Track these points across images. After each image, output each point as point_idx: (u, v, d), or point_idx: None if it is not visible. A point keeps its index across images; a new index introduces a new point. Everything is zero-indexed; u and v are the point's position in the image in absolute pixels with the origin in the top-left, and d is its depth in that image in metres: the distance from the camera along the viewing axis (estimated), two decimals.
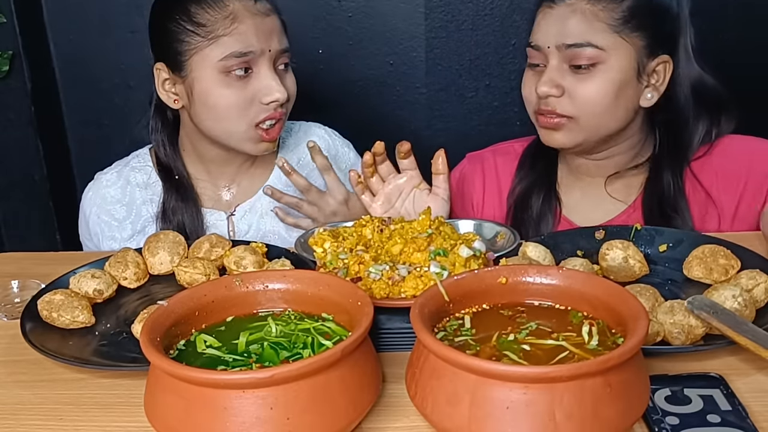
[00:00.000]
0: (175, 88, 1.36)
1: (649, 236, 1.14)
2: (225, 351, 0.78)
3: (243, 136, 1.34)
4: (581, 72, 1.26)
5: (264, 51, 1.30)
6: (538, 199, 1.41)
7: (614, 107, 1.28)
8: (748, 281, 0.95)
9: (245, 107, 1.31)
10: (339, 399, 0.70)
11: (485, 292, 0.83)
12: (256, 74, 1.31)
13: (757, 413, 0.76)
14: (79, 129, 2.16)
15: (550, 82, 1.28)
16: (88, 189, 1.49)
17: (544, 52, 1.29)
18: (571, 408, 0.65)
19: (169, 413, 0.70)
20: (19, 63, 2.01)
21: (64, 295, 1.00)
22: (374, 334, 0.86)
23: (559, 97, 1.28)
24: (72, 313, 0.98)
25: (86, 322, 0.99)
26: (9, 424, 0.81)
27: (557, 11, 1.28)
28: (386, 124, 2.08)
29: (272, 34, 1.32)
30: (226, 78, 1.29)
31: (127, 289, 1.10)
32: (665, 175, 1.33)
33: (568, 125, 1.30)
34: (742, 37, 1.95)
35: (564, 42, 1.26)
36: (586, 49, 1.25)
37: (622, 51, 1.26)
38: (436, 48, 2.01)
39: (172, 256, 1.12)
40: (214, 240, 1.14)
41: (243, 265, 1.07)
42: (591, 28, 1.25)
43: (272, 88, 1.30)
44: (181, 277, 1.08)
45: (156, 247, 1.13)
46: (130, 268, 1.10)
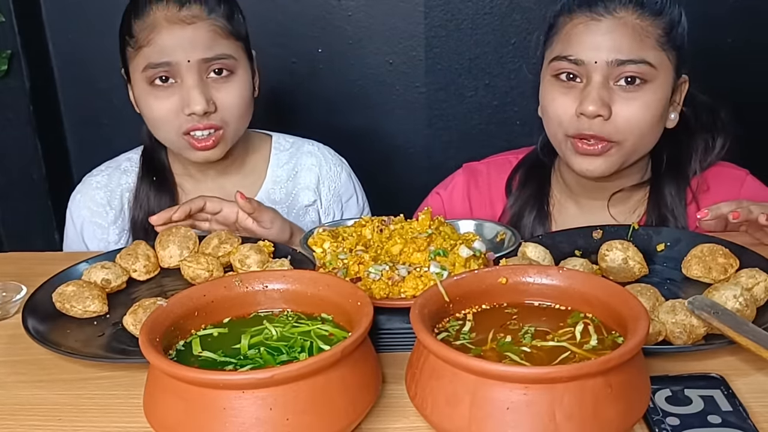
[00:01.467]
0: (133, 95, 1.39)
1: (647, 236, 1.14)
2: (221, 354, 0.78)
3: (177, 144, 1.34)
4: (629, 90, 1.19)
5: (182, 61, 1.27)
6: (530, 220, 1.36)
7: (656, 129, 1.24)
8: (748, 280, 0.95)
9: (171, 117, 1.30)
10: (339, 399, 0.70)
11: (485, 292, 0.83)
12: (180, 84, 1.29)
13: (757, 414, 0.76)
14: (77, 129, 2.16)
15: (600, 101, 1.18)
16: (76, 192, 1.48)
17: (587, 67, 1.20)
18: (572, 408, 0.64)
19: (168, 414, 0.70)
20: (17, 62, 2.01)
21: (76, 286, 1.02)
22: (374, 334, 0.86)
23: (606, 119, 1.19)
24: (83, 303, 1.00)
25: (98, 311, 1.01)
26: (8, 424, 0.81)
27: (605, 24, 1.19)
28: (386, 124, 2.08)
29: (195, 43, 1.27)
30: (151, 88, 1.30)
31: (138, 282, 1.11)
32: (667, 192, 1.30)
33: (611, 151, 1.22)
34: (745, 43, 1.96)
35: (616, 57, 1.17)
36: (640, 65, 1.18)
37: (667, 69, 1.21)
38: (436, 47, 2.00)
39: (182, 250, 1.13)
40: (224, 236, 1.15)
41: (247, 264, 1.07)
42: (643, 44, 1.18)
43: (191, 100, 1.27)
44: (185, 271, 1.09)
45: (167, 240, 1.14)
46: (140, 261, 1.12)
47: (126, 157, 1.50)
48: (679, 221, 1.29)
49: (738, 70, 1.92)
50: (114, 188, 1.46)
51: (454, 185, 1.48)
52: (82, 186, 1.48)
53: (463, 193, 1.46)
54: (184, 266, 1.09)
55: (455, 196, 1.47)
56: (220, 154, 1.35)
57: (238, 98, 1.33)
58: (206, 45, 1.28)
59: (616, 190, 1.33)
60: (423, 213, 1.02)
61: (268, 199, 1.45)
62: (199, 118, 1.29)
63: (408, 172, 2.11)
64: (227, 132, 1.33)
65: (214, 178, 1.45)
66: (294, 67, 2.03)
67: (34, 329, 0.96)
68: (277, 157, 1.50)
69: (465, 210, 1.46)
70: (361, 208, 1.57)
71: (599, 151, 1.22)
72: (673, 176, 1.32)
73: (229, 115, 1.32)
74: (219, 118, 1.31)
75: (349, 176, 1.55)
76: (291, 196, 1.48)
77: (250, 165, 1.49)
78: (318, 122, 1.97)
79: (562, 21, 1.25)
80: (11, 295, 1.06)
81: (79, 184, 1.49)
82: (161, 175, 1.44)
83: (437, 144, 2.09)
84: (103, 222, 1.45)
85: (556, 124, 1.26)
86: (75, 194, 1.48)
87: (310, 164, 1.51)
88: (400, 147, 2.10)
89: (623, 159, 1.25)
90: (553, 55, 1.25)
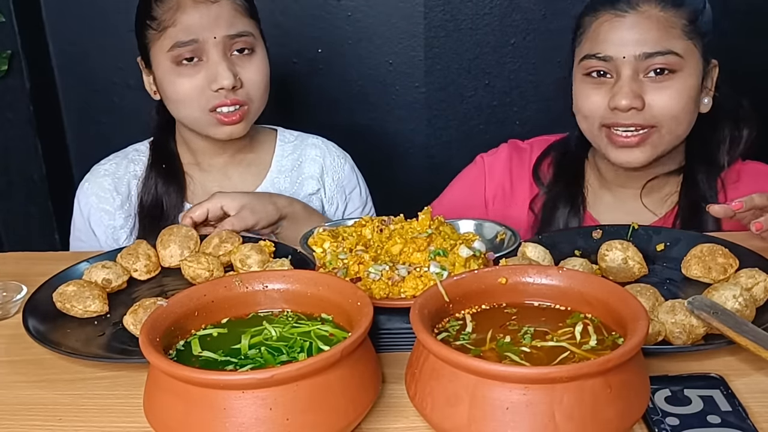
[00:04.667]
0: (151, 81, 1.42)
1: (647, 235, 1.14)
2: (222, 354, 0.78)
3: (202, 121, 1.37)
4: (659, 81, 1.23)
5: (208, 39, 1.31)
6: (565, 211, 1.38)
7: (692, 113, 1.27)
8: (748, 280, 0.95)
9: (198, 94, 1.34)
10: (339, 399, 0.70)
11: (485, 292, 0.83)
12: (206, 62, 1.33)
13: (757, 414, 0.76)
14: (78, 128, 2.16)
15: (632, 94, 1.22)
16: (84, 180, 1.51)
17: (616, 63, 1.24)
18: (571, 408, 0.64)
19: (168, 414, 0.70)
20: (18, 62, 2.01)
21: (77, 285, 1.02)
22: (374, 334, 0.86)
23: (640, 110, 1.23)
24: (84, 303, 1.00)
25: (99, 311, 1.01)
26: (8, 424, 0.81)
27: (629, 19, 1.23)
28: (385, 124, 2.08)
29: (219, 20, 1.32)
30: (177, 67, 1.34)
31: (139, 281, 1.12)
32: (700, 183, 1.32)
33: (651, 138, 1.26)
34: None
35: (643, 51, 1.22)
36: (668, 56, 1.22)
37: (694, 56, 1.25)
38: (436, 47, 2.00)
39: (182, 249, 1.14)
40: (225, 236, 1.15)
41: (248, 264, 1.08)
42: (668, 35, 1.22)
43: (218, 75, 1.32)
44: (186, 271, 1.09)
45: (168, 240, 1.15)
46: (141, 260, 1.12)
47: (134, 148, 1.54)
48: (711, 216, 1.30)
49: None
50: (121, 175, 1.49)
51: (498, 155, 1.51)
52: (91, 175, 1.51)
53: (506, 164, 1.50)
54: (185, 266, 1.09)
55: (497, 165, 1.50)
56: (243, 131, 1.39)
57: (261, 74, 1.38)
58: (229, 22, 1.33)
59: (651, 178, 1.36)
60: (423, 213, 1.03)
61: (272, 187, 1.48)
62: (227, 94, 1.33)
63: (408, 172, 2.11)
64: (251, 108, 1.38)
65: (221, 168, 1.48)
66: (294, 67, 2.03)
67: (35, 329, 0.96)
68: (282, 148, 1.54)
69: (504, 180, 1.49)
70: (364, 201, 1.59)
71: (636, 142, 1.26)
72: (705, 165, 1.34)
73: (254, 90, 1.37)
74: (245, 93, 1.36)
75: (353, 169, 1.58)
76: (295, 185, 1.51)
77: (255, 155, 1.52)
78: (318, 122, 1.96)
79: (588, 21, 1.29)
80: (11, 295, 1.06)
81: (88, 173, 1.52)
82: (170, 162, 1.47)
83: (437, 144, 2.10)
84: (110, 207, 1.47)
85: (590, 120, 1.30)
86: (83, 183, 1.51)
87: (314, 155, 1.54)
88: (400, 147, 2.10)
89: (661, 147, 1.28)
90: (583, 53, 1.29)
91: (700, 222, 1.30)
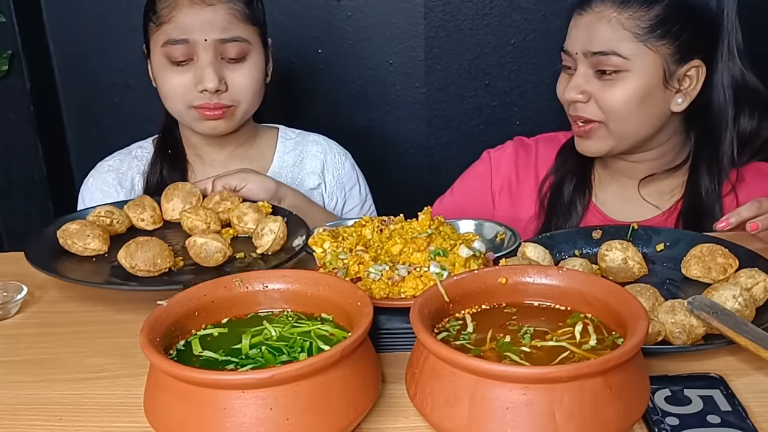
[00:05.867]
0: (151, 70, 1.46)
1: (647, 235, 1.14)
2: (222, 354, 0.78)
3: (186, 116, 1.41)
4: (606, 78, 1.28)
5: (199, 40, 1.34)
6: (570, 187, 1.43)
7: (640, 113, 1.29)
8: (747, 280, 0.95)
9: (183, 92, 1.37)
10: (339, 399, 0.70)
11: (485, 292, 0.83)
12: (195, 62, 1.36)
13: (756, 414, 0.76)
14: (78, 128, 2.16)
15: (576, 88, 1.31)
16: (89, 176, 1.53)
17: (573, 57, 1.32)
18: (571, 408, 0.65)
19: (168, 414, 0.70)
20: (18, 62, 2.01)
21: (80, 224, 1.11)
22: (374, 334, 0.86)
23: (585, 102, 1.30)
24: (84, 240, 1.10)
25: (98, 249, 1.10)
26: (8, 424, 0.81)
27: (586, 19, 1.30)
28: (385, 124, 2.08)
29: (213, 23, 1.34)
30: (168, 63, 1.37)
31: (138, 231, 1.19)
32: (703, 181, 1.34)
33: (598, 132, 1.32)
34: None
35: (590, 49, 1.28)
36: (611, 57, 1.27)
37: (647, 59, 1.27)
38: (436, 48, 2.00)
39: (184, 204, 1.21)
40: (225, 195, 1.23)
41: (244, 221, 1.16)
42: (616, 37, 1.26)
43: (204, 77, 1.34)
44: (185, 222, 1.16)
45: (172, 194, 1.23)
46: (147, 211, 1.20)
47: (138, 145, 1.56)
48: (716, 209, 1.32)
49: None
50: (125, 171, 1.51)
51: (504, 150, 1.55)
52: (95, 171, 1.53)
53: (512, 159, 1.53)
54: (184, 217, 1.16)
55: (503, 160, 1.54)
56: (226, 129, 1.41)
57: (249, 80, 1.39)
58: (223, 27, 1.35)
59: (649, 173, 1.39)
60: (423, 213, 1.03)
61: None
62: (210, 96, 1.36)
63: (408, 172, 2.11)
64: (237, 109, 1.40)
65: (223, 162, 1.50)
66: (294, 68, 2.03)
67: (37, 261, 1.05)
68: (284, 144, 1.56)
69: (510, 174, 1.53)
70: (363, 199, 1.61)
71: (586, 132, 1.34)
72: (710, 164, 1.35)
73: (239, 95, 1.39)
74: (229, 98, 1.38)
75: (353, 167, 1.60)
76: (297, 180, 1.53)
77: (257, 151, 1.54)
78: (318, 122, 1.96)
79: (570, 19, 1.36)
80: (11, 295, 1.06)
81: (92, 170, 1.54)
82: (176, 150, 1.51)
83: (437, 144, 2.09)
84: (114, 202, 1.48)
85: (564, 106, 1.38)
86: (87, 179, 1.53)
87: (315, 151, 1.57)
88: (400, 147, 2.10)
89: (614, 141, 1.33)
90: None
91: (703, 219, 1.31)
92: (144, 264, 1.03)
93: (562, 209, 1.42)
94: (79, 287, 1.07)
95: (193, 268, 1.09)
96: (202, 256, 1.07)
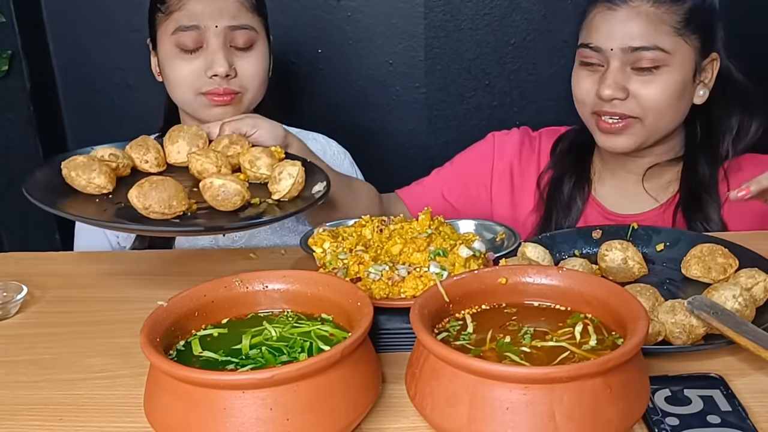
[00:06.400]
0: (156, 63, 1.45)
1: (647, 235, 1.14)
2: (222, 354, 0.78)
3: (194, 104, 1.40)
4: (644, 74, 1.27)
5: (210, 27, 1.35)
6: (570, 182, 1.43)
7: (677, 108, 1.30)
8: (747, 280, 0.95)
9: (193, 79, 1.37)
10: (339, 399, 0.70)
11: (485, 292, 0.83)
12: (205, 48, 1.36)
13: (756, 414, 0.76)
14: (78, 129, 2.16)
15: (615, 85, 1.27)
16: None
17: (606, 54, 1.29)
18: (571, 409, 0.65)
19: (168, 414, 0.70)
20: (18, 63, 2.01)
21: (87, 158, 1.03)
22: (374, 334, 0.86)
23: (623, 99, 1.28)
24: (89, 174, 1.02)
25: (102, 186, 1.03)
26: (8, 424, 0.81)
27: (620, 13, 1.28)
28: (385, 124, 2.08)
29: (223, 11, 1.36)
30: (178, 51, 1.37)
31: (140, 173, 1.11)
32: (700, 170, 1.35)
33: (633, 128, 1.31)
34: None
35: (630, 45, 1.26)
36: (653, 52, 1.25)
37: (684, 53, 1.27)
38: (436, 48, 2.00)
39: (191, 146, 1.13)
40: (234, 138, 1.15)
41: (257, 165, 1.09)
42: (656, 31, 1.26)
43: (214, 62, 1.35)
44: (194, 165, 1.09)
45: (177, 136, 1.14)
46: (152, 152, 1.12)
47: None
48: (712, 198, 1.33)
49: None
50: None
51: (510, 136, 1.55)
52: None
53: (516, 147, 1.54)
54: (193, 159, 1.08)
55: (507, 144, 1.54)
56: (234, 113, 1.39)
57: (256, 68, 1.41)
58: (232, 14, 1.37)
59: (650, 165, 1.39)
60: (423, 213, 1.03)
61: None
62: (219, 81, 1.36)
63: (408, 173, 2.10)
64: (245, 96, 1.40)
65: None
66: (294, 68, 2.03)
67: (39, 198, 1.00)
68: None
69: (513, 162, 1.53)
70: None
71: (620, 129, 1.31)
72: (706, 153, 1.36)
73: (248, 82, 1.40)
74: (238, 84, 1.39)
75: (352, 165, 1.60)
76: None
77: None
78: (318, 122, 1.96)
79: (589, 10, 1.34)
80: (11, 295, 1.06)
81: None
82: None
83: (437, 144, 2.09)
84: None
85: (583, 106, 1.36)
86: None
87: (315, 148, 1.56)
88: (399, 147, 2.10)
89: (645, 136, 1.32)
90: (580, 42, 1.35)
91: (700, 210, 1.32)
92: (159, 205, 0.95)
93: (562, 204, 1.42)
94: (80, 287, 1.07)
95: (206, 212, 1.02)
96: (219, 199, 1.00)
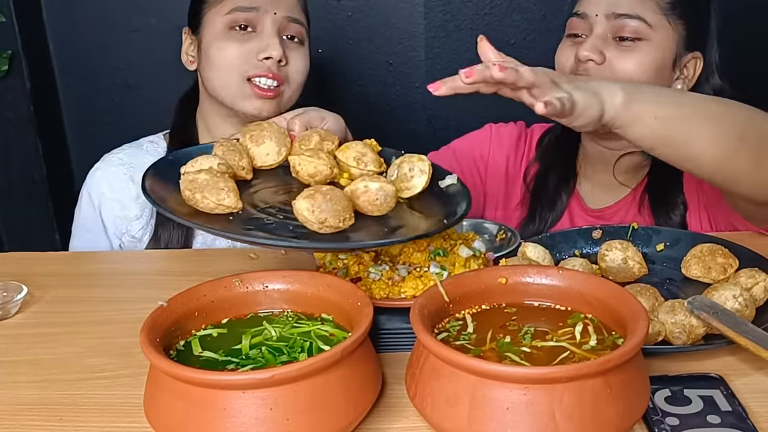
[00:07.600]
0: (192, 49, 1.45)
1: (647, 235, 1.14)
2: (222, 354, 0.78)
3: (236, 89, 1.38)
4: (625, 44, 1.28)
5: (268, 11, 1.36)
6: (555, 177, 1.44)
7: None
8: (747, 280, 0.95)
9: (241, 62, 1.37)
10: (339, 400, 0.70)
11: (485, 292, 0.83)
12: (258, 33, 1.37)
13: (757, 414, 0.76)
14: (78, 129, 2.16)
15: (593, 48, 1.28)
16: (95, 168, 1.48)
17: (590, 20, 1.29)
18: (571, 409, 0.65)
19: (168, 414, 0.70)
20: (18, 62, 2.01)
21: (209, 174, 0.86)
22: (374, 334, 0.86)
23: (599, 64, 1.28)
24: (218, 195, 0.86)
25: (233, 206, 0.87)
26: (8, 424, 0.81)
27: None
28: (386, 124, 2.08)
29: (283, 1, 1.38)
30: (229, 32, 1.37)
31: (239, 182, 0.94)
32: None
33: None
34: None
35: (614, 11, 1.27)
36: (636, 21, 1.26)
37: (666, 32, 1.28)
38: (436, 47, 2.01)
39: (280, 147, 0.99)
40: (323, 134, 1.01)
41: (364, 162, 0.97)
42: (641, 3, 1.27)
43: (269, 46, 1.35)
44: (304, 168, 0.94)
45: (261, 135, 0.99)
46: (245, 157, 0.96)
47: (148, 140, 1.52)
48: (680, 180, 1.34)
49: None
50: (137, 165, 1.45)
51: (509, 129, 1.56)
52: (102, 163, 1.49)
53: (513, 140, 1.54)
54: (304, 162, 0.94)
55: (505, 137, 1.55)
56: (272, 111, 1.39)
57: (303, 64, 1.43)
58: (290, 7, 1.40)
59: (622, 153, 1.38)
60: None
61: None
62: (270, 66, 1.36)
63: None
64: (286, 92, 1.41)
65: None
66: None
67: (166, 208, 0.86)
68: None
69: (509, 154, 1.53)
70: None
71: None
72: None
73: (294, 75, 1.42)
74: (286, 73, 1.40)
75: None
76: None
77: None
78: None
79: None
80: (11, 295, 1.05)
81: (99, 161, 1.49)
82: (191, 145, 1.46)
83: (437, 144, 2.09)
84: (124, 198, 1.44)
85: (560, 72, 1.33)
86: (94, 171, 1.48)
87: None
88: (400, 147, 2.10)
89: None
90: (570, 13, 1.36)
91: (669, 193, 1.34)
92: (334, 218, 0.83)
93: (546, 198, 1.43)
94: (80, 287, 1.07)
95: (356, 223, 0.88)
96: (378, 204, 0.89)
